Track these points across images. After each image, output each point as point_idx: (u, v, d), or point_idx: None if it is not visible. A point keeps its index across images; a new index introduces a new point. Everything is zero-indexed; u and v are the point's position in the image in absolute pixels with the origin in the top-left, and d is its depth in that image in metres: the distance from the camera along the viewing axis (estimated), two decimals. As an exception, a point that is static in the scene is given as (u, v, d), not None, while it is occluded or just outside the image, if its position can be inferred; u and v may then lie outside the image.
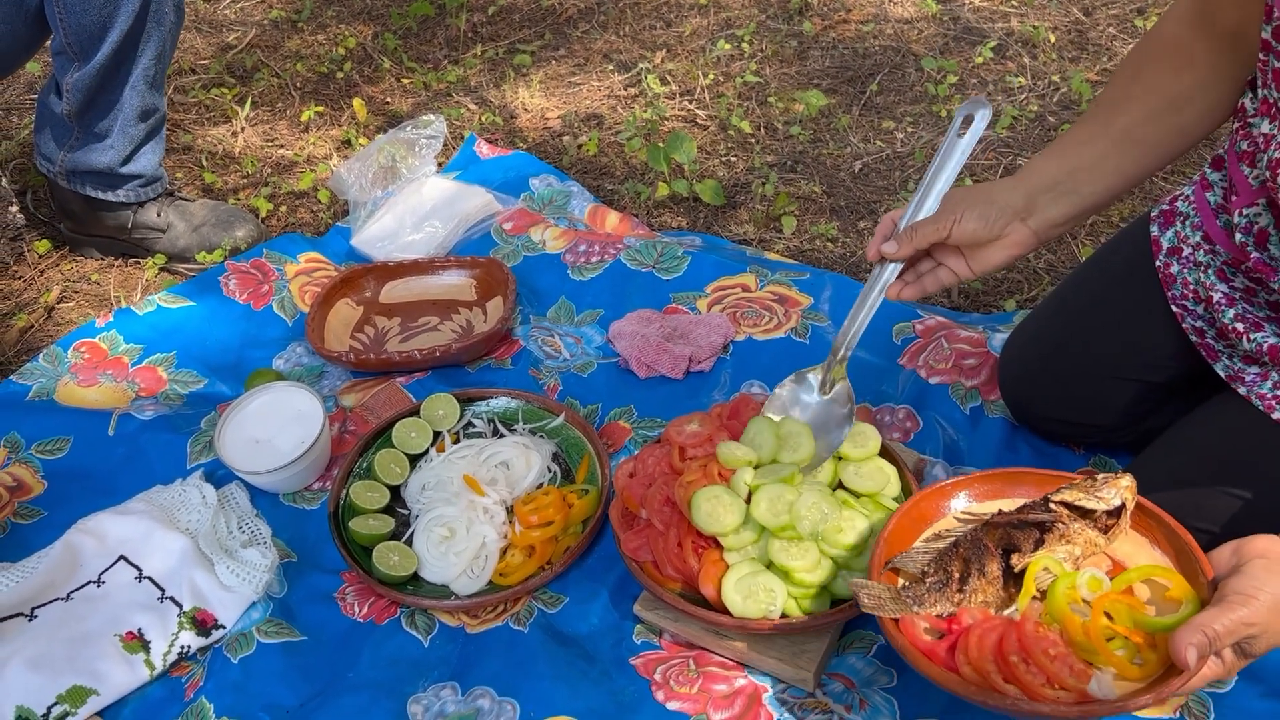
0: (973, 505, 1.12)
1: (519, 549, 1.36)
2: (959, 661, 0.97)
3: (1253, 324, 1.16)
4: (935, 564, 1.03)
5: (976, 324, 1.65)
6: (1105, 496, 1.02)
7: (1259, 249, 1.14)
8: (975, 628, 0.99)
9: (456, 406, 1.53)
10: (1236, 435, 1.12)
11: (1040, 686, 0.94)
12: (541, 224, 1.90)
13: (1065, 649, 0.95)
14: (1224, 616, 0.89)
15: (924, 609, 1.01)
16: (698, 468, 1.29)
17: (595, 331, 1.72)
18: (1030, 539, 1.02)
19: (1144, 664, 0.94)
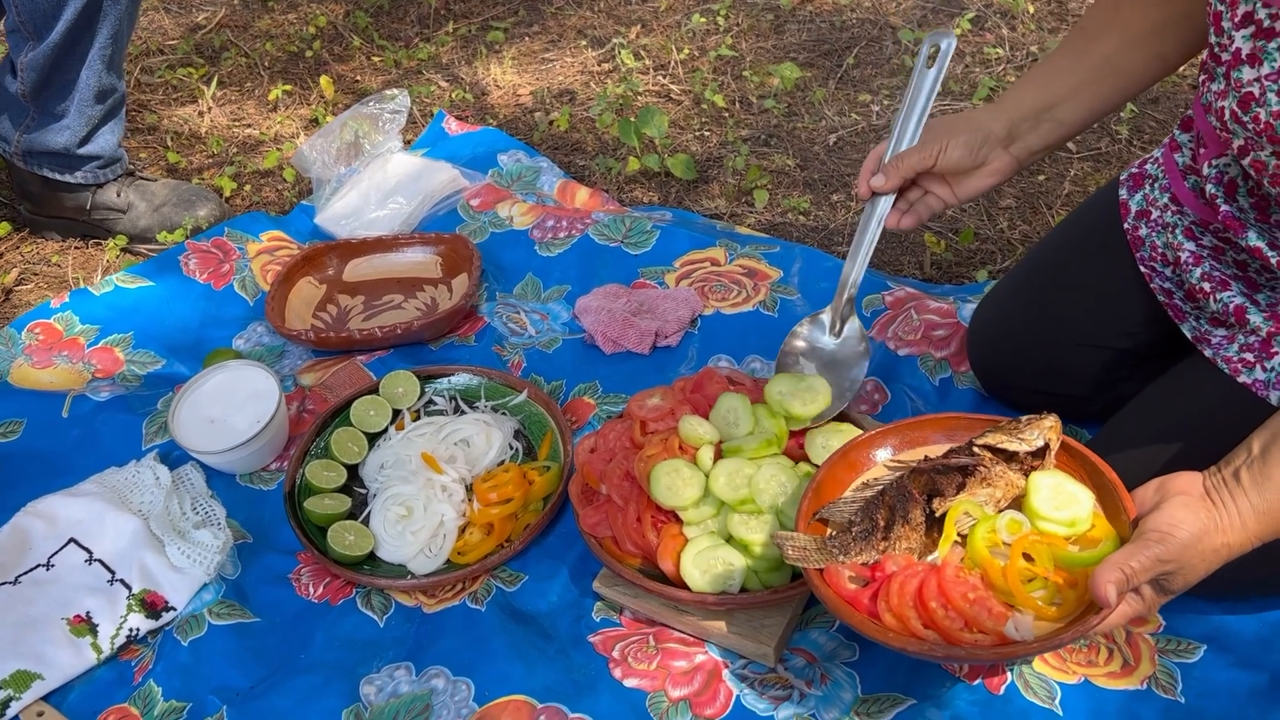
0: (901, 453, 1.11)
1: (477, 527, 1.34)
2: (881, 609, 0.97)
3: (1219, 283, 1.14)
4: (862, 513, 1.02)
5: (947, 295, 1.63)
6: (1028, 438, 1.01)
7: (1228, 200, 1.12)
8: (897, 575, 0.98)
9: (416, 384, 1.50)
10: (1203, 399, 1.10)
11: (959, 631, 0.93)
12: (509, 200, 1.88)
13: (984, 592, 0.95)
14: (1141, 553, 0.89)
15: (849, 558, 1.00)
16: (658, 442, 1.27)
17: (562, 308, 1.69)
18: (953, 483, 1.01)
19: (1063, 604, 0.94)
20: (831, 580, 1.00)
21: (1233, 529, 0.89)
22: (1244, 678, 1.11)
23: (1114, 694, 1.11)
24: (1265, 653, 1.13)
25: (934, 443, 1.11)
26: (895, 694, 1.12)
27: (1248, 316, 1.10)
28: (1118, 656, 1.14)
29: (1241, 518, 0.89)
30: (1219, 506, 0.89)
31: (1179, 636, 1.15)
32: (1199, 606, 1.17)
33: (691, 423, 1.27)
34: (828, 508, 1.05)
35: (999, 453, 1.02)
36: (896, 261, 1.78)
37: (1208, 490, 0.91)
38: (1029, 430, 1.02)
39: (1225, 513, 0.89)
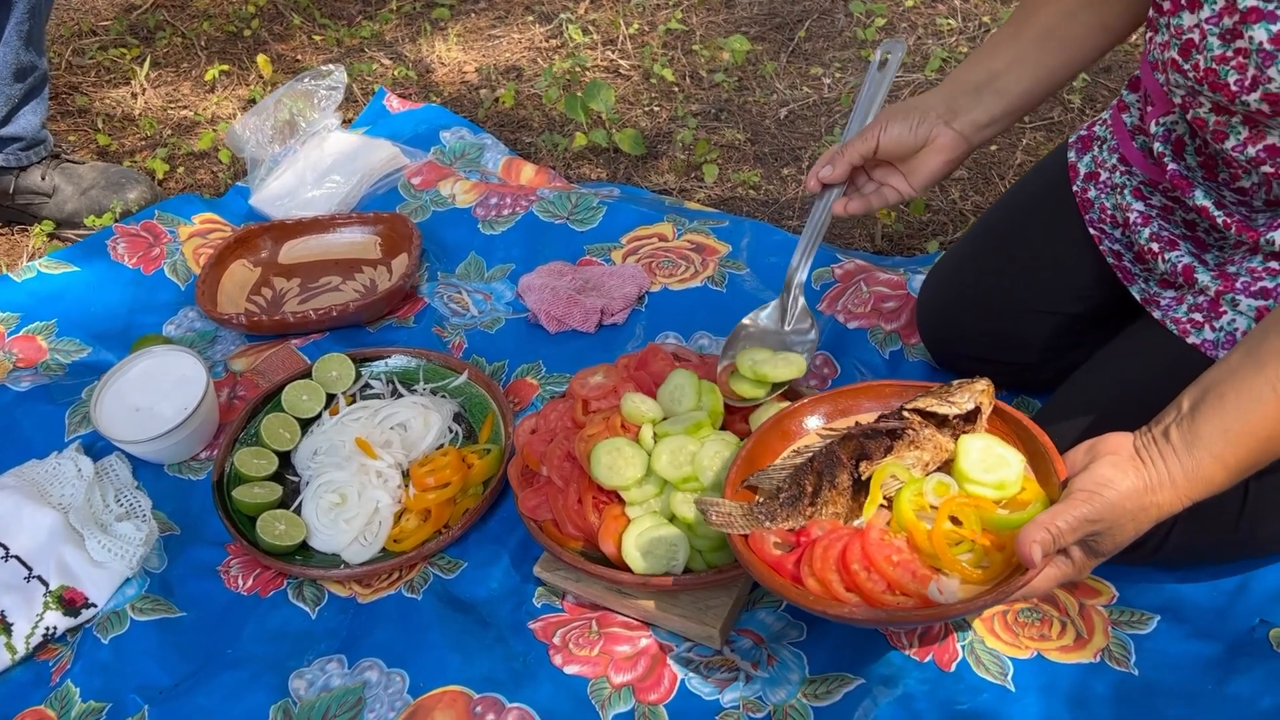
0: (833, 421, 1.10)
1: (414, 513, 1.29)
2: (804, 573, 0.95)
3: (1168, 243, 1.12)
4: (790, 479, 1.00)
5: (898, 266, 1.59)
6: (958, 401, 1.00)
7: (1176, 159, 1.10)
8: (821, 539, 0.96)
9: (351, 367, 1.45)
10: (1153, 361, 1.07)
11: (881, 593, 0.91)
12: (452, 178, 1.83)
13: (909, 555, 0.93)
14: (1068, 513, 0.87)
15: (775, 524, 0.98)
16: (600, 421, 1.22)
17: (505, 287, 1.64)
18: (881, 448, 1.00)
19: (990, 566, 0.92)
20: (756, 546, 0.98)
21: (1162, 488, 0.87)
22: (1198, 648, 1.08)
23: (1066, 668, 1.08)
24: (1219, 622, 1.10)
25: (866, 410, 1.09)
26: (843, 673, 1.08)
27: (1196, 276, 1.08)
28: (1070, 629, 1.11)
29: (1171, 477, 0.87)
30: (1148, 465, 0.87)
31: (1132, 608, 1.13)
32: (1152, 576, 1.14)
33: (634, 400, 1.23)
34: (756, 475, 1.03)
35: (929, 417, 1.00)
36: (847, 234, 1.75)
37: (1137, 450, 0.89)
38: (960, 394, 1.00)
39: (1154, 471, 0.87)
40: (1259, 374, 0.83)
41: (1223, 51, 0.94)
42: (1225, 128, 1.01)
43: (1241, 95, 0.94)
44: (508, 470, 1.26)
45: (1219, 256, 1.10)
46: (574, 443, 1.20)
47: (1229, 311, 1.05)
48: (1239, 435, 0.84)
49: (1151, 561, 1.13)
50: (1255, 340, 0.85)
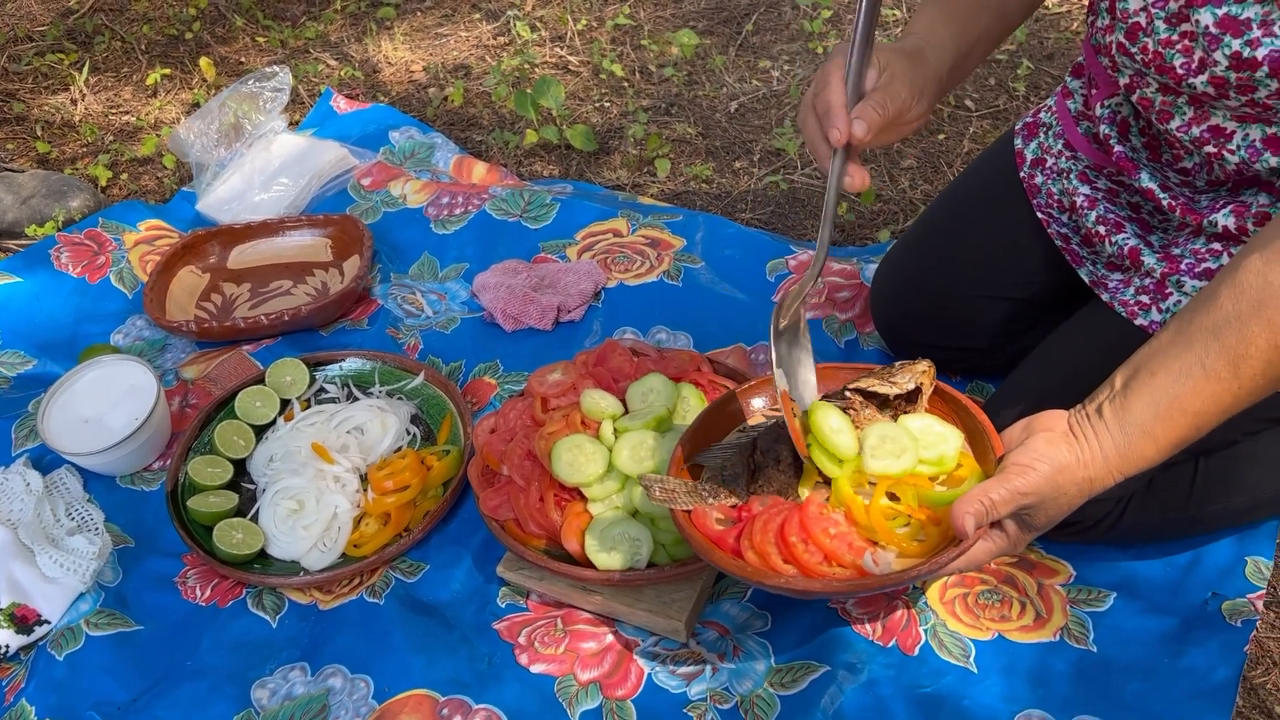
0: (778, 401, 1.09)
1: (374, 517, 1.28)
2: (744, 547, 0.96)
3: (1114, 225, 1.13)
4: (734, 457, 1.02)
5: (850, 256, 1.61)
6: (899, 381, 1.01)
7: (1121, 140, 1.12)
8: (762, 514, 0.98)
9: (305, 372, 1.44)
10: (1102, 343, 1.09)
11: (818, 565, 0.93)
12: (402, 178, 1.81)
13: (846, 528, 0.95)
14: (1001, 486, 0.88)
15: (718, 500, 1.00)
16: (560, 418, 1.22)
17: (460, 286, 1.63)
18: None
19: (926, 540, 0.94)
20: (698, 522, 0.99)
21: (1094, 463, 0.88)
22: (1153, 623, 1.10)
23: (1027, 647, 1.10)
24: (1173, 597, 1.13)
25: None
26: (809, 661, 1.09)
27: (1142, 258, 1.10)
28: (1030, 609, 1.13)
29: (1103, 452, 0.88)
30: (1081, 441, 0.88)
31: (1090, 586, 1.15)
32: (1108, 555, 1.17)
33: (593, 396, 1.23)
34: (702, 454, 1.04)
35: (871, 396, 1.02)
36: (800, 226, 1.75)
37: (1071, 426, 0.90)
38: (901, 374, 1.02)
39: (1087, 447, 0.88)
40: (1188, 351, 0.85)
41: (1169, 35, 0.96)
42: (1171, 108, 1.03)
43: (1189, 78, 0.96)
44: (468, 471, 1.25)
45: (1164, 238, 1.12)
46: (534, 441, 1.20)
47: (1174, 293, 1.06)
48: (1169, 411, 0.86)
49: (1106, 540, 1.15)
50: (1184, 318, 0.86)
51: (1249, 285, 0.83)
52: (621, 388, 1.27)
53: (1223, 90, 0.94)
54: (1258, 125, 0.97)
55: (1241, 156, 0.99)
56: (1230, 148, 1.00)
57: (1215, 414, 0.86)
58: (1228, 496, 1.12)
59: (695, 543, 0.97)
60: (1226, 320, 0.83)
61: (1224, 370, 0.84)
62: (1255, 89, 0.92)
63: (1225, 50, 0.91)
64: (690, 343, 1.49)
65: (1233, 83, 0.92)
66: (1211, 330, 0.84)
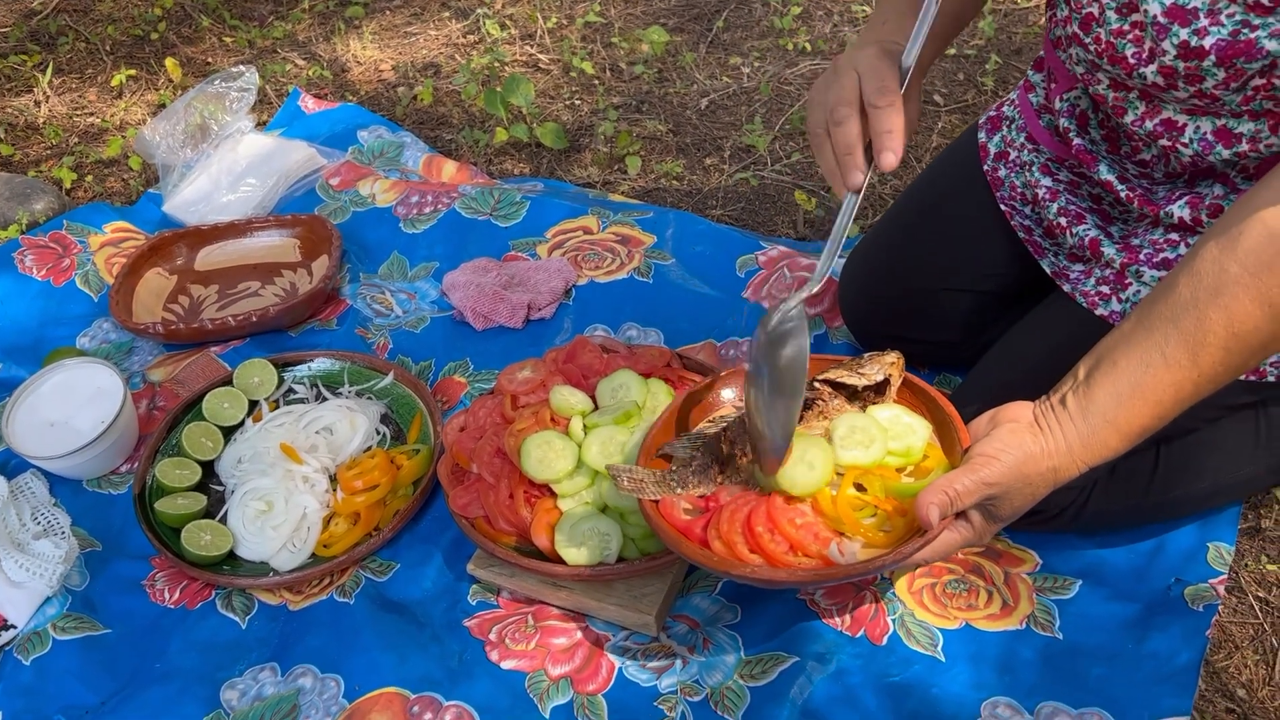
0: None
1: (343, 517, 1.29)
2: (711, 537, 0.97)
3: (1075, 216, 1.15)
4: (703, 448, 1.03)
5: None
6: (868, 373, 1.02)
7: (1081, 133, 1.14)
8: (729, 504, 0.99)
9: (273, 372, 1.44)
10: (1064, 334, 1.11)
11: (783, 555, 0.94)
12: (371, 177, 1.81)
13: (812, 519, 0.96)
14: (965, 477, 0.89)
15: (686, 490, 1.01)
16: (529, 415, 1.23)
17: (430, 286, 1.64)
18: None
19: (891, 530, 0.95)
20: (666, 512, 1.00)
21: (1058, 454, 0.89)
22: (1118, 609, 1.12)
23: (994, 635, 1.11)
24: (1137, 583, 1.15)
25: None
26: (778, 653, 1.10)
27: (1102, 249, 1.12)
28: (997, 598, 1.14)
29: (1067, 443, 0.89)
30: (1045, 432, 0.90)
31: (1055, 574, 1.16)
32: (1073, 543, 1.18)
33: (563, 393, 1.24)
34: (670, 444, 1.05)
35: (839, 388, 1.03)
36: (770, 221, 1.77)
37: (1036, 417, 0.91)
38: (870, 366, 1.03)
39: (1051, 437, 0.89)
40: (1148, 339, 0.86)
41: (1120, 25, 0.98)
42: (1123, 103, 1.05)
43: (1139, 68, 0.98)
44: (437, 469, 1.26)
45: (1124, 229, 1.14)
46: (503, 438, 1.20)
47: (1134, 283, 1.08)
48: (1131, 400, 0.87)
49: (1071, 529, 1.17)
50: (1146, 307, 0.88)
51: (1206, 273, 0.84)
52: (591, 384, 1.27)
53: (1172, 80, 0.96)
54: (1208, 118, 0.99)
55: (1195, 150, 1.02)
56: (1183, 141, 1.02)
57: (1176, 402, 0.88)
58: (1189, 483, 1.14)
59: (662, 532, 0.98)
60: (1184, 308, 0.85)
61: (1183, 358, 0.86)
62: (1203, 79, 0.94)
63: (1173, 39, 0.93)
64: (661, 339, 1.50)
65: (1181, 72, 0.94)
66: (1170, 318, 0.86)
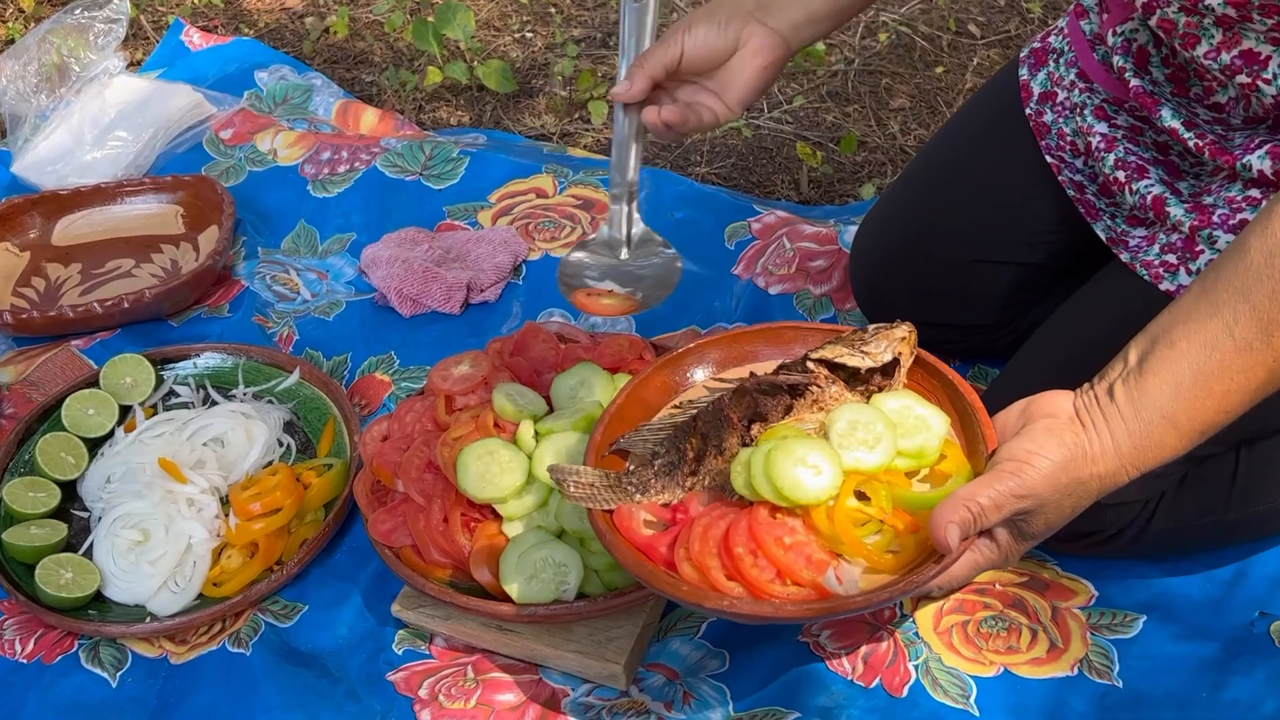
0: (725, 371, 1.11)
1: (238, 549, 1.30)
2: (679, 558, 0.95)
3: (1136, 170, 1.17)
4: (668, 443, 1.01)
5: (827, 218, 1.65)
6: (873, 351, 1.01)
7: (1139, 74, 1.15)
8: (701, 517, 0.97)
9: (150, 371, 1.45)
10: (1120, 313, 1.12)
11: (769, 583, 0.93)
12: (272, 129, 1.83)
13: (805, 537, 0.95)
14: (991, 487, 0.89)
15: (649, 497, 1.00)
16: (468, 419, 1.24)
17: (345, 262, 1.66)
18: (779, 406, 1.01)
19: (901, 552, 0.94)
20: (623, 524, 0.99)
21: (1104, 457, 0.90)
22: (1190, 649, 1.14)
23: (1039, 684, 1.13)
24: (1213, 617, 1.17)
25: (764, 358, 1.11)
26: (774, 708, 1.12)
27: (1167, 209, 1.13)
28: (1043, 638, 1.16)
29: (1115, 443, 0.89)
30: (1089, 430, 0.90)
31: (1114, 608, 1.18)
32: (1136, 570, 1.20)
33: (509, 392, 1.25)
34: (628, 437, 1.04)
35: (838, 369, 1.02)
36: (766, 181, 1.79)
37: (1077, 411, 0.91)
38: (875, 342, 1.02)
39: (1096, 437, 0.90)
40: (1214, 317, 0.87)
41: None
42: (1197, 30, 1.06)
43: None
44: (354, 488, 1.27)
45: (1194, 185, 1.16)
46: (436, 449, 1.21)
47: (1206, 250, 1.10)
48: (1193, 391, 0.88)
49: (1132, 553, 1.19)
50: (1210, 277, 0.89)
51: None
52: (545, 381, 1.29)
53: (1245, 11, 0.98)
54: None
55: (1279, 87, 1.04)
56: (1265, 76, 1.04)
57: (1248, 392, 0.89)
58: (1276, 495, 1.16)
59: (617, 551, 0.96)
60: (1258, 277, 0.86)
61: (1257, 339, 0.87)
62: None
63: None
64: (632, 326, 1.52)
65: (1255, 2, 0.96)
66: (1241, 290, 0.87)
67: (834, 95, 1.92)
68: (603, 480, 1.00)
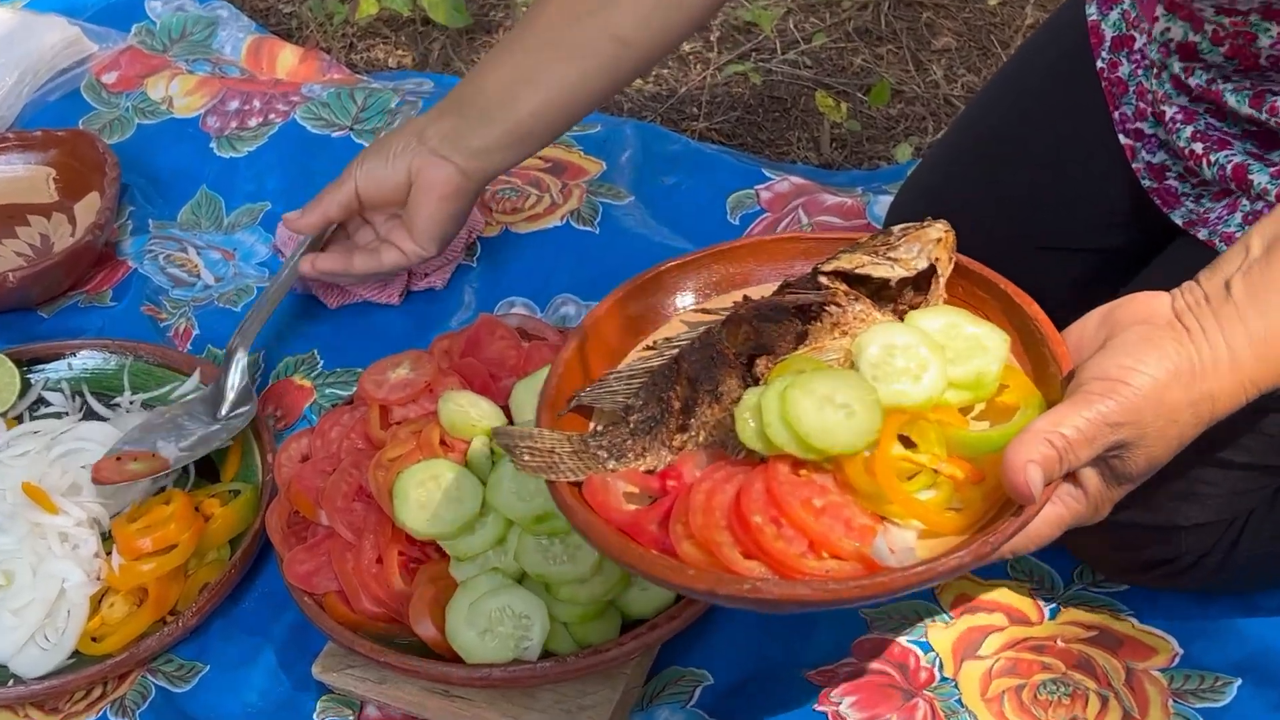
0: (710, 300, 1.08)
1: (123, 595, 1.30)
2: (676, 536, 0.91)
3: (1217, 142, 1.18)
4: (646, 392, 0.98)
5: (854, 185, 1.66)
6: (903, 257, 0.98)
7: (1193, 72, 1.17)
8: (702, 482, 0.93)
9: (14, 373, 1.46)
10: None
11: (799, 558, 0.89)
12: (167, 71, 1.85)
13: (840, 496, 0.91)
14: (1077, 414, 0.85)
15: (626, 463, 0.95)
16: (407, 436, 1.25)
17: (257, 238, 1.67)
18: (789, 334, 0.97)
19: (965, 508, 0.91)
20: (597, 499, 0.93)
21: (1218, 368, 0.87)
22: (1297, 723, 1.16)
23: (1111, 763, 1.15)
24: (1327, 679, 1.18)
25: (761, 280, 1.08)
26: (784, 791, 1.13)
27: (1250, 177, 1.14)
28: (1115, 707, 1.17)
29: (1230, 350, 0.86)
30: (1196, 336, 0.87)
31: (1201, 669, 1.19)
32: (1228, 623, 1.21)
33: (458, 401, 1.26)
34: (592, 389, 1.01)
35: (860, 283, 0.99)
36: (779, 139, 1.80)
37: (1179, 314, 0.89)
38: (904, 246, 0.99)
39: (1207, 344, 0.87)
40: None
41: None
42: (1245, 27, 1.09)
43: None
44: (267, 520, 1.28)
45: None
46: (368, 472, 1.22)
47: None
48: None
49: (1215, 585, 1.19)
50: None
51: None
52: (504, 388, 1.30)
53: None
54: None
55: None
56: None
57: None
58: None
59: (594, 534, 0.91)
60: None
61: None
62: None
63: None
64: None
65: None
66: None
67: (863, 32, 1.93)
68: (565, 445, 0.95)
